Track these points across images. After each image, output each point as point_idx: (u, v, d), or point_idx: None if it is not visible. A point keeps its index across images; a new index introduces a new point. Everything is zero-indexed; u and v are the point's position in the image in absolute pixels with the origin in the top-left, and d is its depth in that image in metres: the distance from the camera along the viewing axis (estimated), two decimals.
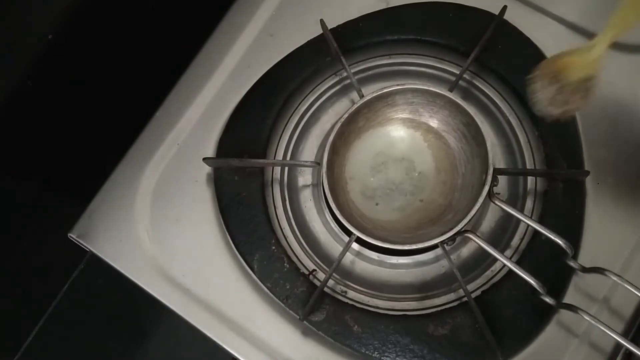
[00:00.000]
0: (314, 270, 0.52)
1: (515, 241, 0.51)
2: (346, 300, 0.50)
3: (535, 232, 0.49)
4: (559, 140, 0.52)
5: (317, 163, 0.53)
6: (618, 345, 0.47)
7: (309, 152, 0.57)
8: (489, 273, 0.51)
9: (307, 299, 0.49)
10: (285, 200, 0.55)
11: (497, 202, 0.47)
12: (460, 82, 0.54)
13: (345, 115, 0.51)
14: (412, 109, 0.54)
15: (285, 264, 0.51)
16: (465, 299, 0.48)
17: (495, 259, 0.48)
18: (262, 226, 0.52)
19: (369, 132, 0.54)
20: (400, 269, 0.53)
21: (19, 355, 0.77)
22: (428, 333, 0.48)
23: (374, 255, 0.53)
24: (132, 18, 0.61)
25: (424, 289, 0.52)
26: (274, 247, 0.51)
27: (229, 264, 0.53)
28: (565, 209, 0.50)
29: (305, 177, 0.57)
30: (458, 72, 0.54)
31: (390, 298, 0.51)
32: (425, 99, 0.53)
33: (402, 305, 0.51)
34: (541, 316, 0.48)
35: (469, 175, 0.52)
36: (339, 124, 0.51)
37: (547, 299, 0.46)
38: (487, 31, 0.53)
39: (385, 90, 0.51)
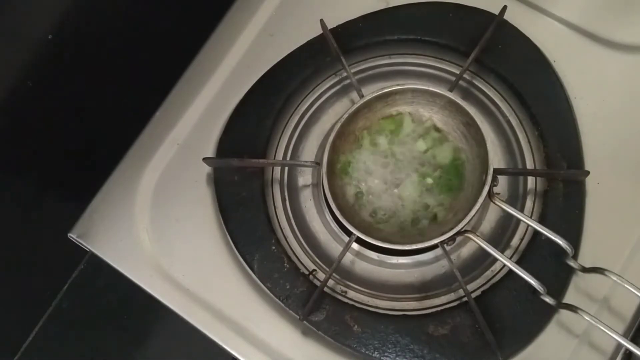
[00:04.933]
0: (314, 270, 0.52)
1: (515, 241, 0.51)
2: (346, 300, 0.50)
3: (535, 232, 0.49)
4: (559, 140, 0.52)
5: (317, 163, 0.52)
6: (618, 346, 0.47)
7: (309, 152, 0.57)
8: (489, 273, 0.51)
9: (307, 299, 0.49)
10: (285, 200, 0.55)
11: (497, 202, 0.47)
12: (460, 82, 0.54)
13: (345, 115, 0.51)
14: (412, 109, 0.54)
15: (285, 264, 0.51)
16: (465, 299, 0.48)
17: (495, 259, 0.48)
18: (262, 226, 0.52)
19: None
20: (400, 269, 0.53)
21: (19, 355, 0.77)
22: (428, 333, 0.48)
23: (374, 255, 0.53)
24: (132, 18, 0.61)
25: (424, 289, 0.52)
26: (274, 247, 0.51)
27: (229, 264, 0.53)
28: (565, 209, 0.50)
29: (305, 177, 0.57)
30: (458, 72, 0.54)
31: (390, 298, 0.51)
32: (425, 99, 0.53)
33: (402, 305, 0.51)
34: (541, 316, 0.48)
35: (469, 175, 0.52)
36: (339, 124, 0.51)
37: (547, 299, 0.46)
38: (487, 31, 0.53)
39: (385, 90, 0.51)
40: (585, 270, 0.47)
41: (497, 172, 0.48)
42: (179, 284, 0.52)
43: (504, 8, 0.54)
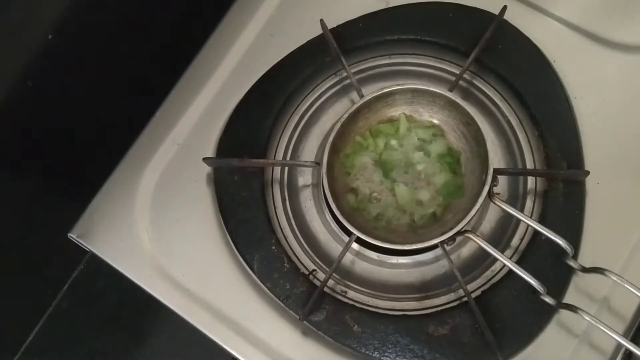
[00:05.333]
0: (314, 270, 0.52)
1: (515, 241, 0.51)
2: (346, 300, 0.50)
3: (535, 232, 0.49)
4: (559, 140, 0.52)
5: (317, 163, 0.52)
6: (618, 345, 0.47)
7: (309, 152, 0.57)
8: (489, 273, 0.51)
9: (307, 299, 0.49)
10: (285, 200, 0.55)
11: (497, 202, 0.47)
12: (460, 82, 0.54)
13: (345, 115, 0.51)
14: (412, 109, 0.54)
15: (285, 264, 0.51)
16: (465, 299, 0.48)
17: (495, 259, 0.48)
18: (262, 226, 0.52)
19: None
20: (400, 269, 0.53)
21: (19, 355, 0.77)
22: (428, 333, 0.48)
23: (374, 255, 0.53)
24: (132, 18, 0.61)
25: (424, 289, 0.52)
26: (274, 247, 0.51)
27: (229, 264, 0.53)
28: (565, 209, 0.50)
29: (305, 177, 0.57)
30: (458, 72, 0.54)
31: (390, 298, 0.51)
32: (425, 99, 0.53)
33: (402, 305, 0.51)
34: (541, 316, 0.48)
35: (469, 175, 0.52)
36: (339, 124, 0.51)
37: (547, 299, 0.46)
38: (487, 31, 0.53)
39: (385, 90, 0.51)
40: (585, 270, 0.47)
41: (497, 172, 0.48)
42: (179, 284, 0.52)
43: (504, 8, 0.54)
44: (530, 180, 0.53)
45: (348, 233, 0.51)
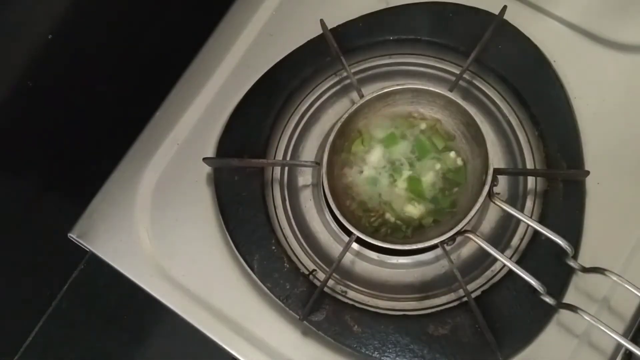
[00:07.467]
0: (314, 270, 0.52)
1: (515, 241, 0.51)
2: (346, 300, 0.50)
3: (535, 232, 0.49)
4: (559, 140, 0.52)
5: (317, 163, 0.53)
6: (618, 345, 0.47)
7: (309, 152, 0.57)
8: (489, 273, 0.51)
9: (307, 299, 0.49)
10: (285, 200, 0.55)
11: (497, 202, 0.47)
12: (460, 82, 0.54)
13: (345, 115, 0.51)
14: (412, 109, 0.54)
15: (285, 264, 0.51)
16: (465, 299, 0.48)
17: (495, 259, 0.48)
18: (262, 226, 0.52)
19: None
20: (400, 269, 0.53)
21: (19, 355, 0.77)
22: (428, 333, 0.48)
23: (374, 255, 0.53)
24: (132, 18, 0.61)
25: (424, 289, 0.52)
26: (274, 247, 0.51)
27: (229, 264, 0.53)
28: (565, 209, 0.50)
29: (305, 177, 0.57)
30: (458, 72, 0.54)
31: (390, 298, 0.51)
32: (425, 99, 0.53)
33: (402, 305, 0.51)
34: (541, 316, 0.48)
35: (469, 175, 0.52)
36: (339, 124, 0.51)
37: (547, 299, 0.46)
38: (487, 31, 0.53)
39: (385, 90, 0.51)
40: (585, 270, 0.47)
41: (497, 172, 0.48)
42: (179, 284, 0.52)
43: (504, 8, 0.54)
44: (530, 180, 0.53)
45: (348, 233, 0.51)
